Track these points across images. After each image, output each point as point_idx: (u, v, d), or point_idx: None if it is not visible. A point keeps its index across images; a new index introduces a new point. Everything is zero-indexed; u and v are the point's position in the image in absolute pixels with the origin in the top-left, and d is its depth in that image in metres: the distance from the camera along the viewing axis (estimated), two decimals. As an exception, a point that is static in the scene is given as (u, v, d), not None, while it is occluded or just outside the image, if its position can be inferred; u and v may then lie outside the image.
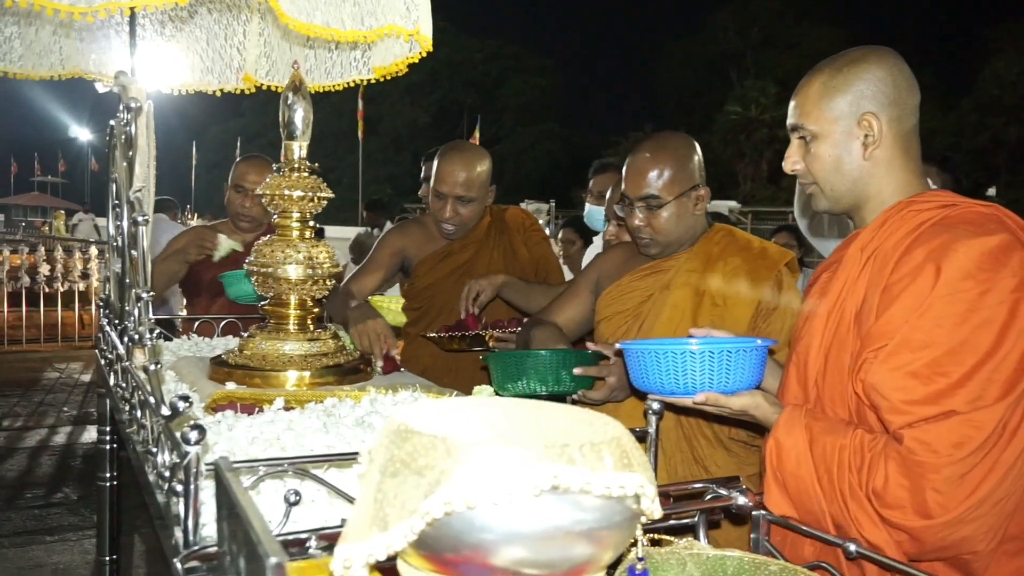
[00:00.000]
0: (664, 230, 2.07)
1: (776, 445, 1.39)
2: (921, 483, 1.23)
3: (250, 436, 1.46)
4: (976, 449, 1.22)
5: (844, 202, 1.49)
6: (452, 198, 2.75)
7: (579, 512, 0.72)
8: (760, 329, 1.97)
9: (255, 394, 1.82)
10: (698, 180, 2.09)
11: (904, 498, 1.24)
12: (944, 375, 1.24)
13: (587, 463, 0.72)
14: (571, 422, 0.82)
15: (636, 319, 2.12)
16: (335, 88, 2.81)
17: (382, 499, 0.74)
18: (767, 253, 2.08)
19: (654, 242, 2.10)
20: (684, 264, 2.10)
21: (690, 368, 1.43)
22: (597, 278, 2.28)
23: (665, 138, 2.12)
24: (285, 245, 2.00)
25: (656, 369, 1.46)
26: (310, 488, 1.21)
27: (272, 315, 2.06)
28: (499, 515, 0.70)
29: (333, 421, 1.59)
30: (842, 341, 1.40)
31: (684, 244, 2.13)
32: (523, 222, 2.97)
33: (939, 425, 1.23)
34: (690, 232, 2.12)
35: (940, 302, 1.26)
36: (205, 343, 2.61)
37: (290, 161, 2.03)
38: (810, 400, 1.46)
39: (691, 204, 2.09)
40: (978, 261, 1.26)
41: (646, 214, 2.07)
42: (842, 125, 1.44)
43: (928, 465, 1.22)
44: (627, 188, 2.09)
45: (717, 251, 2.09)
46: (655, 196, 2.05)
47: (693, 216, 2.11)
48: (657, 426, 1.36)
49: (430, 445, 0.73)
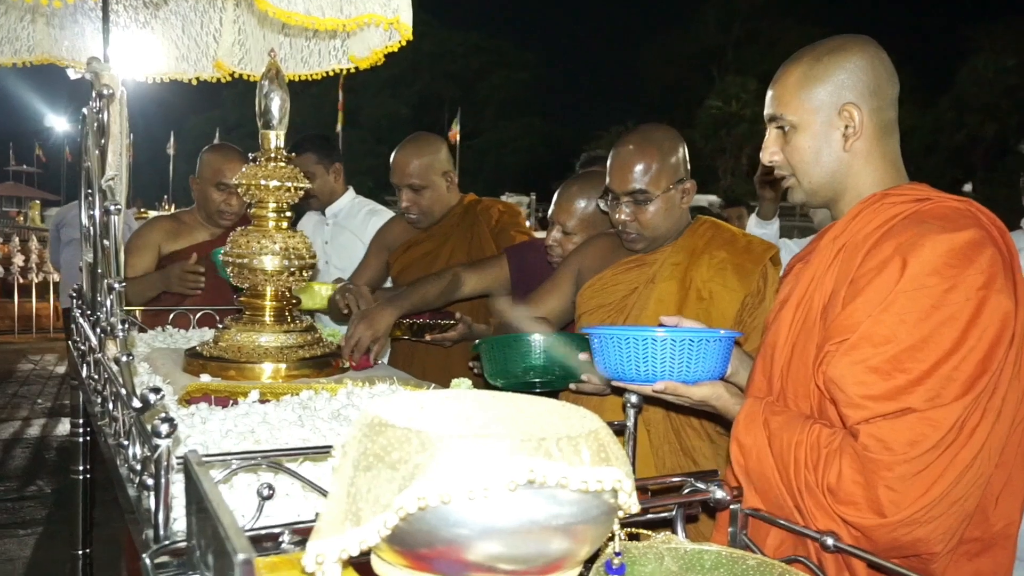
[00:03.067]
0: (651, 225, 2.07)
1: (737, 444, 1.39)
2: (874, 480, 1.22)
3: (224, 429, 1.45)
4: (931, 448, 1.20)
5: (822, 194, 1.48)
6: (405, 188, 2.86)
7: (556, 507, 0.71)
8: (746, 323, 1.97)
9: (230, 386, 1.81)
10: (684, 174, 2.09)
11: (858, 495, 1.23)
12: (904, 371, 1.23)
13: (564, 457, 0.72)
14: (548, 416, 0.81)
15: (621, 313, 2.11)
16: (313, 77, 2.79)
17: (355, 493, 0.73)
18: (752, 247, 2.07)
19: (641, 237, 2.09)
20: (669, 257, 2.09)
21: (651, 355, 1.42)
22: (579, 270, 2.27)
23: (650, 131, 2.11)
24: (261, 235, 1.98)
25: (617, 355, 1.45)
26: (284, 482, 1.20)
27: (248, 306, 2.04)
28: (474, 510, 0.69)
29: (309, 414, 1.58)
30: (808, 333, 1.40)
31: (670, 238, 2.12)
32: (497, 214, 2.97)
33: (895, 422, 1.22)
34: (676, 226, 2.12)
35: (904, 297, 1.25)
36: (180, 335, 2.58)
37: (266, 151, 2.02)
38: (774, 392, 1.45)
39: (678, 198, 2.08)
40: (945, 257, 1.25)
41: (633, 209, 2.06)
42: (822, 116, 1.43)
43: (882, 462, 1.21)
44: (613, 183, 2.08)
45: (702, 244, 2.08)
46: (643, 191, 2.04)
47: (679, 210, 2.10)
48: (636, 420, 1.36)
49: (404, 438, 0.72)
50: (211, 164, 3.19)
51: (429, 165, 2.86)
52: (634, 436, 1.34)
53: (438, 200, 2.90)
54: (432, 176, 2.86)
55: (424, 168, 2.85)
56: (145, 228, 3.24)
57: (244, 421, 1.49)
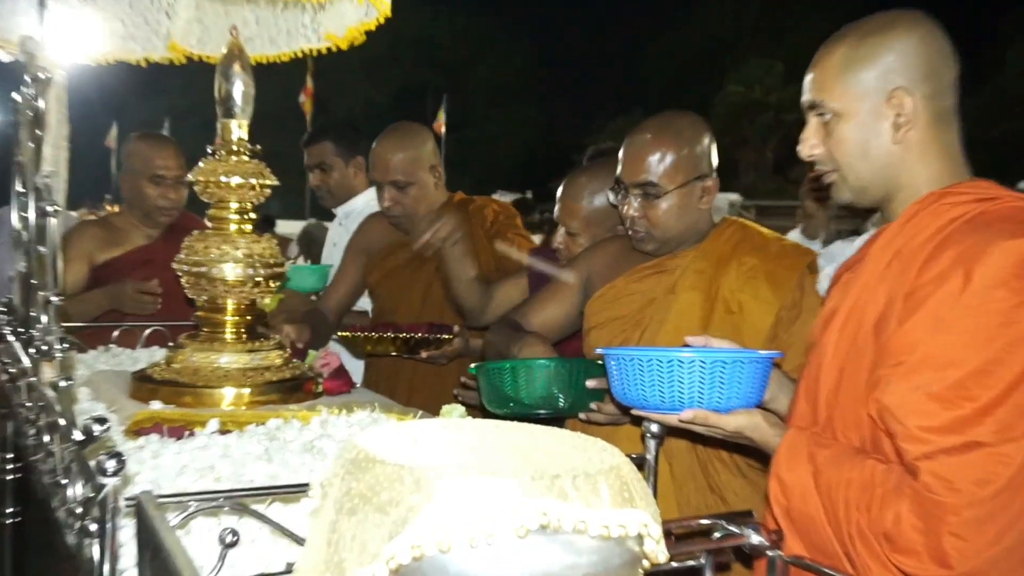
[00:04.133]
0: (662, 224, 2.06)
1: (778, 482, 1.38)
2: (938, 526, 1.21)
3: (179, 464, 1.44)
4: (1003, 488, 1.19)
5: (871, 193, 1.48)
6: (387, 184, 2.85)
7: (572, 556, 0.70)
8: (781, 340, 1.96)
9: (185, 414, 1.80)
10: (706, 169, 2.08)
11: (918, 543, 1.22)
12: (970, 399, 1.22)
13: (581, 497, 0.71)
14: (562, 448, 0.80)
15: (636, 327, 2.10)
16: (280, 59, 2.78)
17: (337, 541, 0.72)
18: (787, 252, 2.07)
19: (649, 236, 2.09)
20: (692, 264, 2.09)
21: (677, 380, 1.42)
22: (587, 276, 2.26)
23: (672, 117, 2.11)
24: (221, 240, 1.98)
25: (638, 379, 1.44)
26: (250, 526, 1.19)
27: (205, 322, 2.04)
28: (478, 560, 0.68)
29: (277, 446, 1.57)
30: (859, 354, 1.39)
31: (686, 241, 2.12)
32: (492, 214, 2.99)
33: (961, 458, 1.21)
34: (693, 228, 2.11)
35: (969, 313, 1.24)
36: (126, 355, 2.57)
37: (227, 142, 2.02)
38: (819, 422, 1.45)
39: (695, 196, 2.08)
40: (1015, 267, 1.24)
41: (642, 203, 2.06)
42: (868, 103, 1.43)
43: (946, 505, 1.20)
44: (623, 172, 2.08)
45: (729, 249, 2.08)
46: (653, 184, 2.04)
47: (697, 210, 2.10)
48: (657, 452, 1.35)
49: (395, 476, 0.72)
50: (141, 154, 3.20)
51: (415, 159, 2.86)
52: (654, 471, 1.33)
53: (424, 198, 2.90)
54: (418, 171, 2.87)
55: (409, 162, 2.85)
56: (72, 236, 3.23)
57: (202, 455, 1.49)
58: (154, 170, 3.15)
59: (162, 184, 3.15)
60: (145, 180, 3.16)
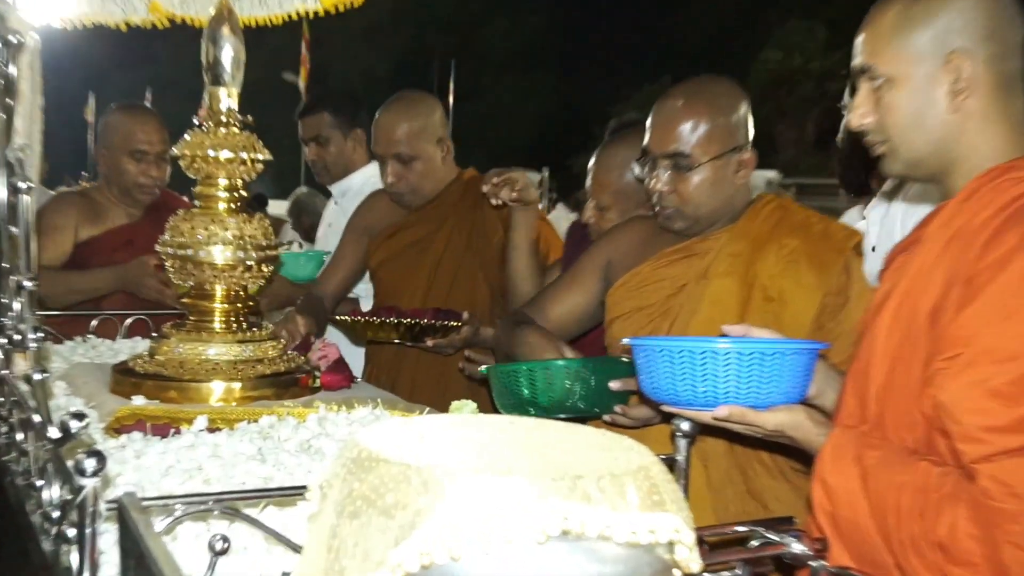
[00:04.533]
0: (693, 199, 2.06)
1: (822, 485, 1.38)
2: (997, 535, 1.20)
3: (164, 465, 1.45)
4: None
5: (925, 166, 1.47)
6: (391, 158, 2.86)
7: (596, 564, 0.70)
8: (827, 330, 1.96)
9: (170, 411, 1.81)
10: (742, 140, 2.08)
11: (975, 553, 1.22)
12: None
13: (607, 500, 0.72)
14: (585, 447, 0.80)
15: (665, 317, 2.10)
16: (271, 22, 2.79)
17: (338, 547, 0.73)
18: (831, 232, 2.07)
19: (679, 214, 2.08)
20: (726, 246, 2.08)
21: (711, 373, 1.42)
22: (607, 262, 2.26)
23: (706, 83, 2.11)
24: (209, 220, 1.99)
25: (669, 372, 1.44)
26: (242, 533, 1.20)
27: (192, 310, 2.04)
28: (492, 568, 0.68)
29: (271, 446, 1.58)
30: (913, 345, 1.39)
31: (720, 220, 2.11)
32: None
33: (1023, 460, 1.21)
34: (727, 205, 2.11)
35: None
36: (106, 346, 2.59)
37: (216, 113, 2.02)
38: (869, 420, 1.44)
39: (731, 169, 2.07)
40: None
41: (672, 176, 2.05)
42: (923, 67, 1.42)
43: (1006, 512, 1.20)
44: (651, 141, 2.08)
45: (767, 230, 2.07)
46: (685, 154, 2.03)
47: (732, 185, 2.09)
48: (688, 452, 1.35)
49: (401, 476, 0.72)
50: (121, 128, 3.22)
51: (421, 130, 2.87)
52: (686, 473, 1.33)
53: (431, 174, 2.92)
54: (424, 144, 2.88)
55: (415, 134, 2.86)
56: (57, 206, 3.26)
57: (189, 455, 1.49)
58: (135, 145, 3.17)
59: (143, 160, 3.17)
60: (125, 155, 3.18)
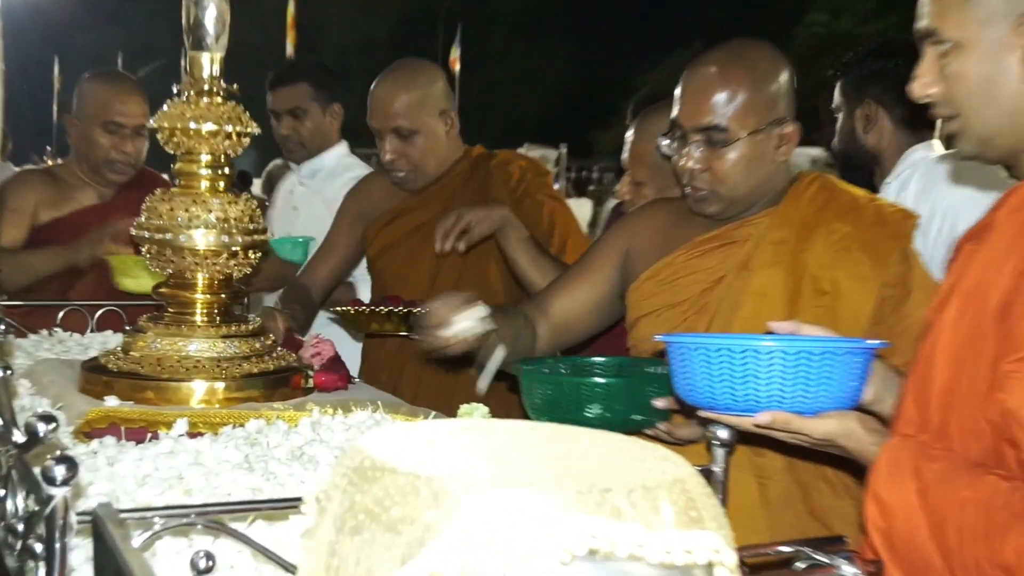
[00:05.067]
0: (729, 179, 2.05)
1: (876, 501, 1.38)
2: None
3: (140, 474, 1.45)
4: None
5: (998, 144, 1.46)
6: (389, 133, 2.88)
7: (627, 587, 0.71)
8: (888, 326, 1.95)
9: (146, 413, 1.81)
10: (784, 112, 2.08)
11: None
12: None
13: (638, 516, 0.72)
14: (614, 457, 0.81)
15: (702, 314, 2.09)
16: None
17: (338, 567, 0.73)
18: (884, 214, 2.06)
19: (714, 196, 2.07)
20: (768, 232, 2.07)
21: (753, 374, 1.42)
22: (626, 251, 2.25)
23: (742, 47, 2.10)
24: (190, 201, 1.99)
25: (705, 373, 1.44)
26: (228, 549, 1.20)
27: (171, 301, 2.05)
28: (512, 591, 0.69)
29: (259, 453, 1.59)
30: (981, 344, 1.38)
31: (758, 202, 2.11)
32: (519, 172, 3.00)
33: None
34: (766, 186, 2.10)
35: None
36: (74, 340, 2.60)
37: (198, 81, 2.02)
38: (931, 427, 1.44)
39: (771, 145, 2.07)
40: None
41: (705, 153, 2.04)
42: (993, 31, 1.41)
43: None
44: (681, 113, 2.07)
45: (813, 213, 2.07)
46: (720, 128, 2.02)
47: (773, 163, 2.09)
48: (726, 463, 1.35)
49: (409, 488, 0.72)
50: (95, 96, 3.23)
51: (421, 101, 2.88)
52: (724, 487, 1.33)
53: (434, 150, 2.93)
54: (425, 117, 2.89)
55: (414, 105, 2.87)
56: (15, 186, 3.28)
57: (168, 463, 1.50)
58: (109, 116, 3.18)
59: (118, 133, 3.18)
60: (97, 127, 3.19)
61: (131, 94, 3.24)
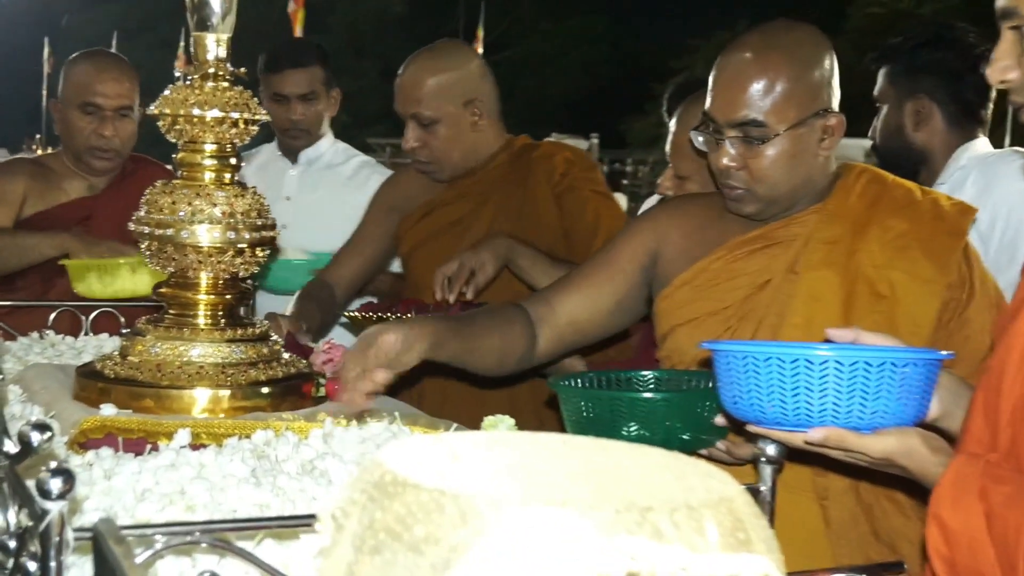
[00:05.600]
0: (768, 177, 2.04)
1: (938, 525, 1.37)
2: None
3: (139, 488, 1.45)
4: None
5: None
6: (411, 119, 2.90)
7: (670, 614, 0.71)
8: (950, 333, 1.95)
9: (146, 423, 1.81)
10: (827, 101, 2.07)
11: None
12: None
13: (682, 537, 0.72)
14: (655, 473, 0.81)
15: (747, 321, 2.09)
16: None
17: None
18: (943, 210, 2.06)
19: (751, 195, 2.07)
20: (817, 231, 2.07)
21: (805, 386, 1.41)
22: (654, 251, 2.24)
23: (779, 32, 2.10)
24: (193, 194, 1.99)
25: (753, 385, 1.44)
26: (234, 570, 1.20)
27: (172, 302, 2.05)
28: (545, 617, 0.69)
29: (267, 467, 1.59)
30: None
31: (802, 200, 2.10)
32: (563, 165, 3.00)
33: None
34: (809, 183, 2.09)
35: None
36: (67, 344, 2.61)
37: (202, 64, 2.02)
38: (1000, 447, 1.44)
39: (814, 138, 2.06)
40: None
41: (742, 150, 2.04)
42: None
43: None
44: (715, 106, 2.07)
45: (863, 209, 2.06)
46: (758, 122, 2.02)
47: (815, 158, 2.08)
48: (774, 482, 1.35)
49: (434, 505, 0.73)
50: (75, 77, 3.25)
51: (445, 89, 2.89)
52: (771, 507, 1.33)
53: (456, 141, 2.94)
54: (447, 105, 2.90)
55: (438, 91, 2.89)
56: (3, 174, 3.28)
57: (169, 476, 1.50)
58: (86, 96, 3.19)
59: (97, 115, 3.19)
60: (75, 110, 3.20)
61: (112, 73, 3.24)
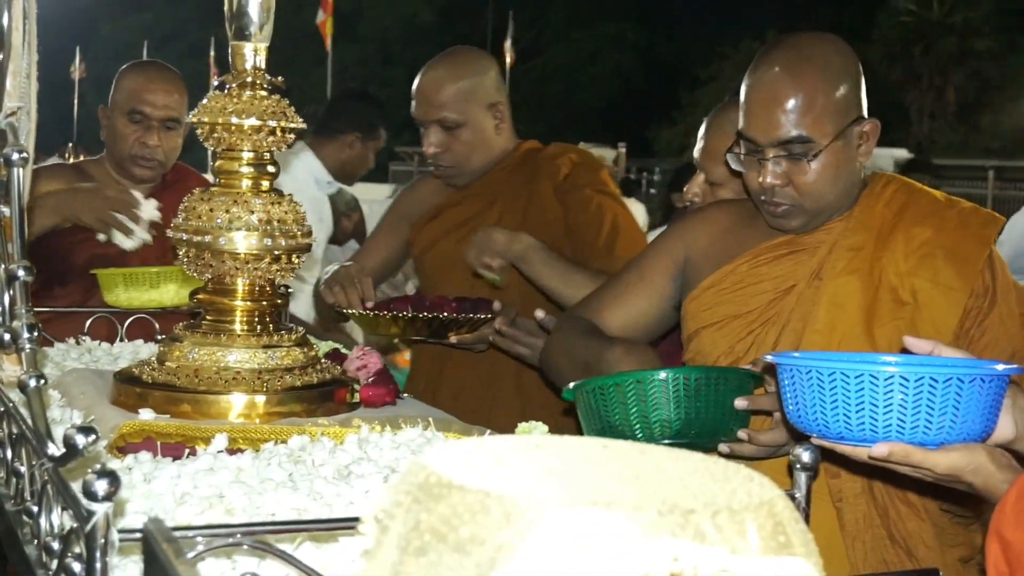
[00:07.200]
0: (815, 191, 2.04)
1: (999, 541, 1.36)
2: None
3: (178, 491, 1.46)
4: None
5: None
6: (432, 124, 2.93)
7: (712, 616, 0.71)
8: (973, 340, 1.94)
9: (183, 427, 1.82)
10: (861, 108, 2.08)
11: None
12: None
13: (724, 540, 0.72)
14: (696, 476, 0.81)
15: (770, 325, 2.09)
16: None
17: None
18: (968, 219, 2.06)
19: (798, 210, 2.07)
20: (842, 238, 2.07)
21: (869, 402, 1.41)
22: (685, 259, 2.25)
23: (807, 45, 2.09)
24: (231, 201, 2.00)
25: (818, 398, 1.44)
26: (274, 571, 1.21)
27: (209, 308, 2.06)
28: (589, 617, 0.69)
29: (303, 471, 1.59)
30: None
31: (837, 209, 2.10)
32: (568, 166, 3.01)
33: None
34: (849, 190, 2.10)
35: None
36: (103, 349, 2.62)
37: (240, 73, 2.03)
38: None
39: (853, 146, 2.06)
40: None
41: (788, 168, 2.03)
42: None
43: None
44: (753, 127, 2.06)
45: (890, 217, 2.06)
46: (804, 138, 2.01)
47: (853, 164, 2.09)
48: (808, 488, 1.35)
49: (479, 507, 0.73)
50: (125, 84, 3.25)
51: (469, 92, 2.92)
52: (806, 513, 1.33)
53: (480, 145, 2.97)
54: (474, 108, 2.93)
55: (462, 96, 2.91)
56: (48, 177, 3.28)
57: (208, 480, 1.51)
58: (134, 104, 3.19)
59: (143, 124, 3.19)
60: (123, 117, 3.21)
61: (162, 84, 3.24)
